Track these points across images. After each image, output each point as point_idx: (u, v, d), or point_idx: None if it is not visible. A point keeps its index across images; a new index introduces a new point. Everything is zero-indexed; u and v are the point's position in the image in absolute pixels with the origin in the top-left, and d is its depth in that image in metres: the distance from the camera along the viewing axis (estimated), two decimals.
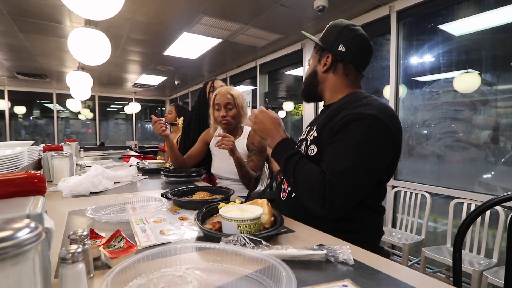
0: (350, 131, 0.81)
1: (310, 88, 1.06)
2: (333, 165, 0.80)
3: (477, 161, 2.10)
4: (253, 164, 1.59)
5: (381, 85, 2.75)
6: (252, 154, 1.63)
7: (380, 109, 0.82)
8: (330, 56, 0.97)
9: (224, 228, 0.73)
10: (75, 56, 2.18)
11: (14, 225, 0.30)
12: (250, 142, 1.65)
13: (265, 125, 0.98)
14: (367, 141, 0.80)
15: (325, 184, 0.78)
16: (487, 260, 1.76)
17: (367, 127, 0.80)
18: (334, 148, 0.83)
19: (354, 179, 0.79)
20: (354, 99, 0.92)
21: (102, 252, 0.60)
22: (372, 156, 0.80)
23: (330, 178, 0.78)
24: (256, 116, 1.00)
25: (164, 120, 1.73)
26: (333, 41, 0.96)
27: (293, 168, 0.86)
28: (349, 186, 0.78)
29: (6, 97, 6.30)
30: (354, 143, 0.79)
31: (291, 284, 0.42)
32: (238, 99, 1.62)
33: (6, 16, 2.66)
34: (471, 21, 2.11)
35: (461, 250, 0.80)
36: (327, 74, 1.00)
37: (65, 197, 1.23)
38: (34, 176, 0.53)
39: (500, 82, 2.01)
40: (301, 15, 2.68)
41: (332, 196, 0.77)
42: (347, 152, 0.80)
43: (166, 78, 5.55)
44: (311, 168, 0.83)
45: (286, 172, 0.89)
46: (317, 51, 1.04)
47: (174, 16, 2.73)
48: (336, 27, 0.98)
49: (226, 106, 1.60)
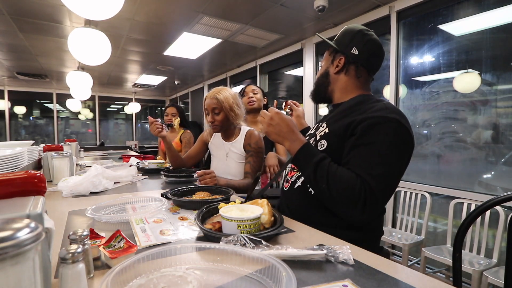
0: (377, 135, 0.82)
1: (321, 88, 1.07)
2: (367, 169, 0.79)
3: (477, 161, 2.10)
4: (249, 166, 1.58)
5: (381, 85, 2.75)
6: (249, 155, 1.61)
7: (399, 113, 0.85)
8: (343, 58, 1.00)
9: (224, 228, 0.73)
10: (75, 56, 2.18)
11: (14, 225, 0.30)
12: (247, 143, 1.63)
13: (282, 127, 0.94)
14: (395, 145, 0.81)
15: (365, 188, 0.77)
16: (487, 260, 1.76)
17: (393, 131, 0.82)
18: (363, 151, 0.82)
19: (389, 182, 0.81)
20: (366, 100, 0.95)
21: (102, 252, 0.60)
22: (400, 159, 0.82)
23: (369, 182, 0.77)
24: (271, 118, 0.95)
25: (161, 121, 1.74)
26: (347, 44, 0.99)
27: (326, 173, 0.82)
28: (386, 189, 0.80)
29: (6, 97, 6.30)
30: (384, 147, 0.80)
31: (291, 284, 0.42)
32: (226, 102, 1.56)
33: (6, 16, 2.66)
34: (471, 21, 2.11)
35: (461, 250, 0.80)
36: (338, 75, 1.03)
37: (65, 197, 1.23)
38: (34, 176, 0.53)
39: (500, 82, 2.01)
40: (301, 15, 2.68)
41: (372, 200, 0.77)
42: (378, 155, 0.80)
43: (166, 78, 5.55)
44: (345, 172, 0.81)
45: (316, 178, 0.84)
46: (330, 53, 1.06)
47: (174, 16, 2.73)
48: (351, 30, 1.01)
49: (213, 110, 1.58)
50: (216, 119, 1.58)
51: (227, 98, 1.58)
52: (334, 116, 0.97)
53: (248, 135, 1.64)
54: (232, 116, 1.59)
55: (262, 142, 1.65)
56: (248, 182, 1.53)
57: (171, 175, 1.60)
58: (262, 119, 0.99)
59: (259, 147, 1.61)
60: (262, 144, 1.64)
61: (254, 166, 1.58)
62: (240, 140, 1.65)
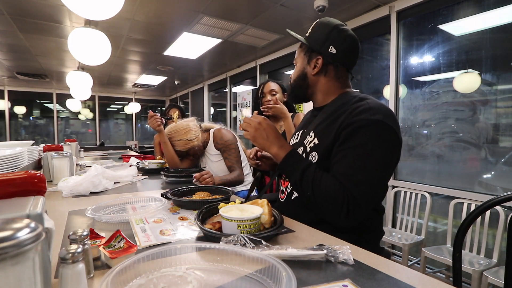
0: (360, 139, 0.80)
1: (299, 90, 1.02)
2: (350, 176, 0.79)
3: (477, 161, 2.10)
4: (228, 161, 1.71)
5: (381, 85, 2.75)
6: (222, 152, 1.74)
7: (383, 112, 0.82)
8: (321, 58, 0.94)
9: (224, 228, 0.73)
10: (75, 56, 2.18)
11: (14, 225, 0.30)
12: (215, 142, 1.77)
13: (269, 133, 0.92)
14: (378, 148, 0.80)
15: (348, 197, 0.77)
16: (487, 260, 1.76)
17: (376, 133, 0.80)
18: (346, 157, 0.81)
19: (372, 187, 0.80)
20: (349, 101, 0.91)
21: (102, 252, 0.60)
22: (385, 161, 0.81)
23: (351, 190, 0.77)
24: (259, 123, 0.93)
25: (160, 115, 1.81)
26: (323, 42, 0.93)
27: (311, 181, 0.82)
28: (369, 194, 0.79)
29: (6, 97, 6.30)
30: (367, 151, 0.79)
31: (291, 284, 0.42)
32: (177, 136, 1.75)
33: (6, 16, 2.66)
34: (471, 21, 2.11)
35: (461, 250, 0.80)
36: (318, 77, 0.98)
37: (65, 197, 1.23)
38: (34, 176, 0.53)
39: (500, 82, 2.01)
40: (301, 15, 2.68)
41: (355, 206, 0.77)
42: (361, 160, 0.79)
43: (166, 78, 5.55)
44: (329, 180, 0.81)
45: (302, 186, 0.84)
46: (305, 52, 0.99)
47: (174, 16, 2.73)
48: (325, 27, 0.95)
49: (183, 153, 1.80)
50: (189, 156, 1.84)
51: (177, 132, 1.76)
52: (321, 124, 0.94)
53: (214, 136, 1.79)
54: (190, 143, 1.75)
55: (226, 135, 1.76)
56: (238, 173, 1.67)
57: (171, 175, 1.60)
58: (247, 124, 0.95)
59: (226, 140, 1.74)
60: (227, 137, 1.76)
61: (232, 159, 1.71)
62: (211, 142, 1.80)
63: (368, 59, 2.93)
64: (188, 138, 1.74)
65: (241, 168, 1.73)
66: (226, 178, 1.58)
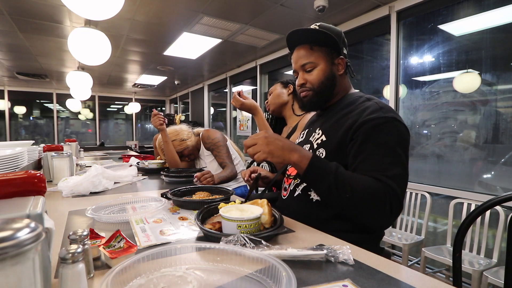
0: (382, 136, 0.82)
1: (328, 91, 0.98)
2: (384, 171, 0.78)
3: (477, 161, 2.10)
4: (219, 159, 1.76)
5: (381, 85, 2.75)
6: (211, 151, 1.81)
7: (393, 111, 0.87)
8: (343, 59, 0.99)
9: (224, 228, 0.73)
10: (75, 56, 2.18)
11: (14, 225, 0.30)
12: (204, 143, 1.85)
13: (281, 142, 0.82)
14: (399, 143, 0.82)
15: (389, 191, 0.76)
16: (487, 260, 1.76)
17: (395, 129, 0.83)
18: (372, 154, 0.80)
19: (404, 180, 0.82)
20: (355, 100, 0.95)
21: (102, 252, 0.60)
22: (406, 155, 0.83)
23: (390, 184, 0.76)
24: (265, 137, 0.82)
25: (163, 115, 1.84)
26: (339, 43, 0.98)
27: (348, 182, 0.77)
28: (403, 188, 0.81)
29: (6, 97, 6.30)
30: (391, 147, 0.81)
31: (291, 284, 0.42)
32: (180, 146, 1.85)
33: (6, 16, 2.66)
34: (471, 21, 2.11)
35: (461, 250, 0.80)
36: (342, 77, 1.01)
37: (65, 197, 1.23)
38: (34, 176, 0.53)
39: (500, 82, 2.01)
40: (301, 15, 2.68)
41: (396, 201, 0.76)
42: (388, 156, 0.80)
43: (166, 78, 5.54)
44: (363, 178, 0.78)
45: (338, 189, 0.77)
46: (327, 53, 0.98)
47: (174, 16, 2.73)
48: (333, 30, 1.00)
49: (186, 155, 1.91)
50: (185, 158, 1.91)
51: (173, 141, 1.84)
52: (328, 121, 0.95)
53: (202, 137, 1.89)
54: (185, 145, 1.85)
55: (213, 133, 1.84)
56: (231, 169, 1.73)
57: (171, 175, 1.60)
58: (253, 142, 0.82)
59: (213, 139, 1.81)
60: (213, 135, 1.83)
61: (222, 155, 1.77)
62: (202, 144, 1.90)
63: (368, 59, 2.93)
64: (181, 138, 1.84)
65: (233, 163, 1.81)
66: (222, 175, 1.62)
